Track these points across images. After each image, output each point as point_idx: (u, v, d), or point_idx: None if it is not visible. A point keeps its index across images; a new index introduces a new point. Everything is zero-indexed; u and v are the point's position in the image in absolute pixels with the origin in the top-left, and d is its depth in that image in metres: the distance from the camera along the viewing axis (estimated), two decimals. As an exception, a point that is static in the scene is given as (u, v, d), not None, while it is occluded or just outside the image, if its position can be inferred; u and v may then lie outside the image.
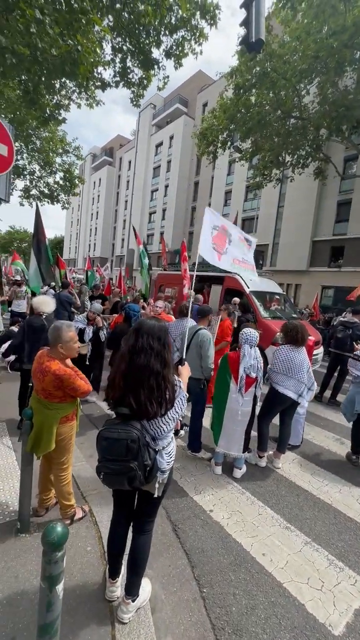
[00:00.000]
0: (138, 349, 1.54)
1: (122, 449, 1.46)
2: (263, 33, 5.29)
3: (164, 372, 1.55)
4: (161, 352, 1.56)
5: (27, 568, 1.99)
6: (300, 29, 11.23)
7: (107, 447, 1.50)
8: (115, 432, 1.49)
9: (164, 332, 1.61)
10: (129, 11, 7.43)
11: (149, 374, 1.52)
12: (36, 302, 3.81)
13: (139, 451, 1.47)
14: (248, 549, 2.40)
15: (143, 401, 1.50)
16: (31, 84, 7.18)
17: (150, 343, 1.55)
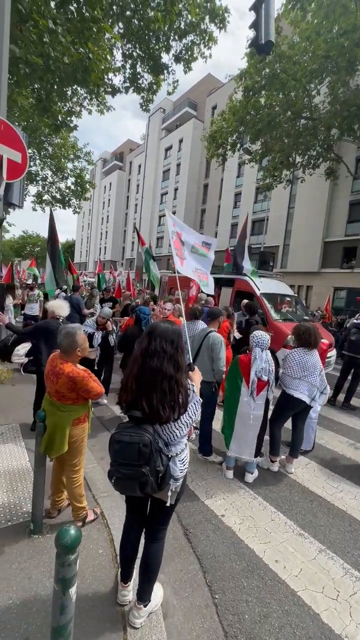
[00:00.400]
0: (151, 352, 1.53)
1: (134, 453, 1.44)
2: (273, 35, 5.27)
3: (177, 375, 1.53)
4: (174, 355, 1.55)
5: (40, 569, 2.00)
6: (310, 29, 11.15)
7: (119, 451, 1.49)
8: (127, 436, 1.48)
9: (177, 336, 1.59)
10: (139, 18, 7.53)
11: (162, 378, 1.51)
12: (53, 306, 3.88)
13: (151, 456, 1.45)
14: (261, 556, 2.37)
15: (155, 405, 1.48)
16: (44, 92, 7.34)
17: (164, 346, 1.53)
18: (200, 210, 35.56)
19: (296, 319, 7.55)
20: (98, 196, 55.87)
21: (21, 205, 4.10)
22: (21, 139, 3.72)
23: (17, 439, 3.61)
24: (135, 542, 1.85)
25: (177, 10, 7.27)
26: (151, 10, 7.36)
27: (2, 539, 2.21)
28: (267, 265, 9.49)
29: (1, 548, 2.13)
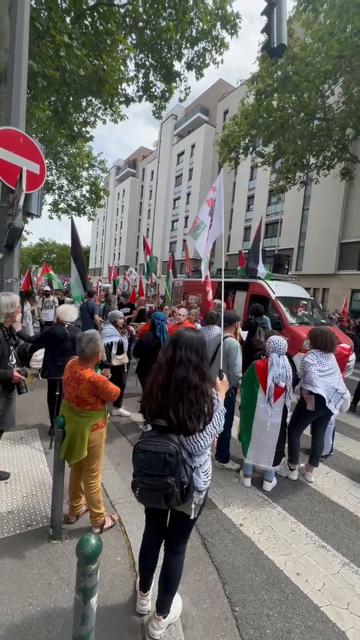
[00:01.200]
0: (177, 362, 1.51)
1: (160, 463, 1.41)
2: (285, 38, 5.25)
3: (202, 386, 1.51)
4: (199, 365, 1.52)
5: (60, 575, 2.01)
6: (323, 30, 11.05)
7: (144, 460, 1.45)
8: (153, 445, 1.45)
9: (202, 345, 1.57)
10: (151, 28, 7.66)
11: (188, 388, 1.49)
12: (59, 312, 3.95)
13: (177, 466, 1.42)
14: (281, 568, 2.30)
15: (182, 416, 1.46)
16: (60, 104, 7.56)
17: (189, 356, 1.51)
18: (213, 214, 35.51)
19: (313, 323, 7.39)
20: (112, 203, 56.86)
21: (39, 214, 4.21)
22: (39, 151, 3.84)
23: (36, 443, 3.67)
24: (155, 552, 1.83)
25: (189, 19, 7.36)
26: (163, 20, 7.49)
27: (23, 544, 2.24)
28: (282, 268, 9.36)
29: (22, 552, 2.16)
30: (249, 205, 29.24)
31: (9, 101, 3.74)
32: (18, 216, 3.47)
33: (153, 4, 7.23)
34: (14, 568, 2.03)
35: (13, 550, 2.17)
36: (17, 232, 3.47)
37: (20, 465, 3.20)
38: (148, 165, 48.56)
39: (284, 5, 5.29)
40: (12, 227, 3.41)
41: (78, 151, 16.62)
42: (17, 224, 3.46)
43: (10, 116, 3.71)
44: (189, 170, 37.66)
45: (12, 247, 3.63)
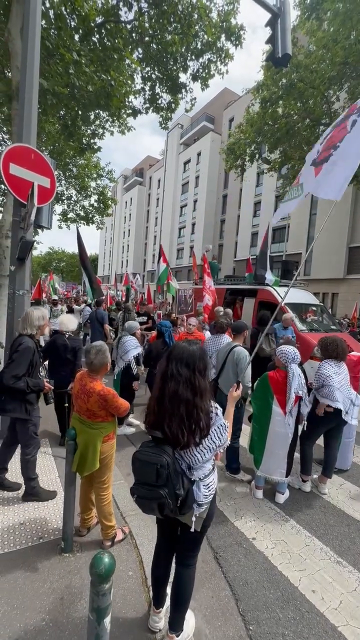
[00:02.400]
0: (169, 376, 1.51)
1: (152, 474, 1.42)
2: (289, 48, 5.32)
3: (194, 400, 1.49)
4: (190, 378, 1.50)
5: (72, 590, 2.00)
6: (327, 38, 11.14)
7: (138, 469, 1.48)
8: (147, 455, 1.47)
9: (194, 357, 1.53)
10: (157, 42, 7.83)
11: (179, 402, 1.48)
12: (59, 322, 4.02)
13: (168, 478, 1.42)
14: (296, 584, 2.24)
15: (175, 430, 1.46)
16: (69, 118, 7.75)
17: (179, 369, 1.50)
18: (219, 220, 35.73)
19: (323, 329, 7.31)
20: (119, 211, 57.66)
21: (50, 226, 4.30)
22: (49, 165, 3.94)
23: (47, 454, 3.69)
24: (167, 565, 1.82)
25: (194, 32, 7.50)
26: (169, 34, 7.65)
27: (35, 557, 2.24)
28: (291, 274, 9.30)
29: (34, 566, 2.16)
30: (256, 211, 29.28)
31: (21, 118, 3.86)
32: (29, 230, 3.55)
33: (159, 19, 7.41)
34: (25, 582, 2.04)
35: (25, 564, 2.17)
36: (28, 245, 3.54)
37: (32, 476, 3.21)
38: (155, 173, 49.21)
39: (288, 16, 5.37)
40: (24, 241, 3.49)
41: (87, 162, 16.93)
42: (28, 237, 3.53)
43: (22, 132, 3.82)
44: (195, 177, 38.02)
45: (24, 260, 3.71)
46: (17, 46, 5.19)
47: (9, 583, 2.02)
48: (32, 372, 2.73)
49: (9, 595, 1.94)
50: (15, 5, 5.34)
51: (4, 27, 5.71)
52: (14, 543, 2.34)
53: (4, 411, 2.67)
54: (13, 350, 2.71)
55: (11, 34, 5.33)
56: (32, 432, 2.80)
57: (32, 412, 2.77)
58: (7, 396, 2.65)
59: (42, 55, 5.45)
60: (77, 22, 6.77)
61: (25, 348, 2.66)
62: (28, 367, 2.67)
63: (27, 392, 2.66)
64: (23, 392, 2.63)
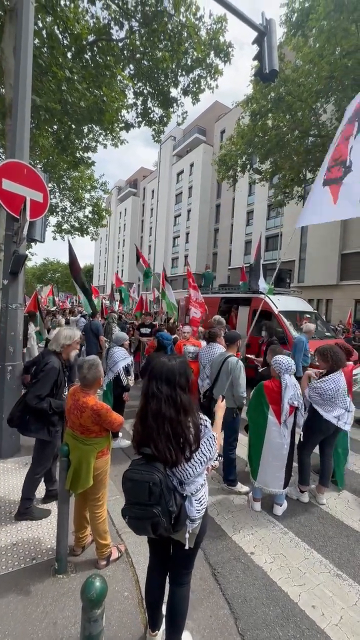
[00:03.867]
0: (150, 394, 1.49)
1: (145, 492, 1.39)
2: (276, 64, 5.48)
3: (179, 417, 1.46)
4: (171, 395, 1.47)
5: (65, 614, 1.94)
6: (313, 53, 11.50)
7: (130, 489, 1.44)
8: (138, 473, 1.43)
9: (173, 373, 1.50)
10: (148, 59, 8.04)
11: (163, 421, 1.45)
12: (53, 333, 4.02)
13: (161, 495, 1.39)
14: (296, 600, 2.20)
15: (162, 449, 1.44)
16: (62, 133, 7.87)
17: (159, 387, 1.47)
18: (213, 229, 36.13)
19: (318, 336, 7.35)
20: (114, 222, 58.06)
21: (43, 240, 4.31)
22: (42, 180, 3.97)
23: (41, 470, 3.61)
24: (160, 585, 1.77)
25: (184, 49, 7.73)
26: (159, 51, 7.86)
27: (28, 579, 2.18)
28: (284, 282, 9.39)
29: (27, 589, 2.10)
30: (249, 220, 29.69)
31: (14, 134, 3.91)
32: (22, 244, 3.56)
33: (150, 37, 7.63)
34: (18, 607, 1.97)
35: (18, 587, 2.11)
36: (21, 259, 3.55)
37: (25, 494, 3.14)
38: (148, 184, 49.84)
39: (274, 34, 5.55)
40: (17, 255, 3.50)
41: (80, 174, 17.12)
42: (21, 252, 3.55)
43: (15, 148, 3.87)
44: (188, 188, 38.56)
45: (17, 274, 3.70)
46: (10, 64, 5.29)
47: (0, 608, 1.96)
48: (56, 392, 2.74)
49: (1, 621, 1.88)
50: (8, 25, 5.46)
51: (-2, 46, 5.82)
52: (6, 565, 2.27)
53: (28, 431, 2.68)
54: (39, 369, 2.70)
55: (4, 53, 5.44)
56: (48, 453, 2.80)
57: (55, 434, 2.76)
58: (31, 416, 2.65)
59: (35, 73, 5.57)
60: (70, 41, 6.95)
61: (51, 368, 2.65)
62: (52, 387, 2.66)
63: (50, 414, 2.64)
64: (47, 413, 2.62)
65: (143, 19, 7.36)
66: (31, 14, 3.96)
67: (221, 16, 7.68)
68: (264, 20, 5.48)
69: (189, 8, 7.40)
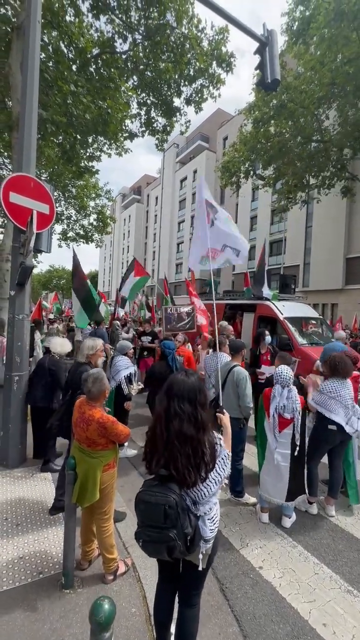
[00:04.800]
0: (171, 414, 1.47)
1: (160, 515, 1.36)
2: (278, 73, 5.53)
3: (198, 435, 1.45)
4: (193, 414, 1.46)
5: (72, 631, 1.93)
6: (315, 61, 11.62)
7: (144, 511, 1.41)
8: (153, 496, 1.40)
9: (194, 391, 1.49)
10: (151, 70, 8.18)
11: (184, 440, 1.43)
12: (52, 342, 4.09)
13: (177, 518, 1.36)
14: (306, 617, 2.15)
15: (182, 469, 1.42)
16: (67, 143, 8.01)
17: (181, 406, 1.46)
18: (217, 234, 36.21)
19: (323, 342, 7.29)
20: (118, 229, 58.57)
21: (49, 250, 4.37)
22: (48, 192, 4.04)
23: (47, 481, 3.62)
24: (170, 603, 1.75)
25: (186, 60, 7.85)
26: (162, 63, 8.00)
27: (34, 594, 2.17)
28: (289, 288, 9.37)
29: (34, 604, 2.09)
30: (252, 225, 29.77)
31: (21, 147, 3.99)
32: (29, 255, 3.61)
33: (153, 49, 7.77)
34: (25, 623, 1.96)
35: (25, 602, 2.10)
36: (28, 271, 3.59)
37: (32, 505, 3.14)
38: (152, 191, 50.31)
39: (275, 43, 5.61)
40: (24, 266, 3.54)
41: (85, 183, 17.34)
42: (28, 263, 3.59)
43: (22, 161, 3.94)
44: (192, 194, 38.83)
45: (24, 285, 3.75)
46: (18, 79, 5.43)
47: (7, 624, 1.94)
48: None
49: (8, 638, 1.86)
50: (15, 42, 5.61)
51: (5, 62, 5.98)
52: (12, 579, 2.26)
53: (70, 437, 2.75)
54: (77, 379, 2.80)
55: (12, 68, 5.58)
56: None
57: None
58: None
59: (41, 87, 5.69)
60: (75, 54, 7.11)
61: None
62: None
63: None
64: None
65: (146, 32, 7.50)
66: (38, 30, 4.06)
67: (223, 27, 7.79)
68: (265, 31, 5.55)
69: (191, 20, 7.53)
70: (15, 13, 6.14)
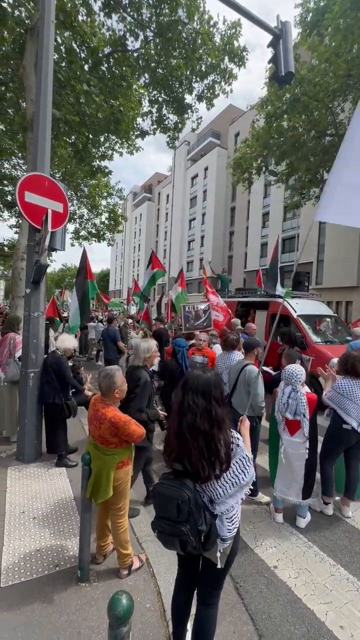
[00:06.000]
0: (185, 407, 1.47)
1: (174, 509, 1.37)
2: (292, 66, 5.41)
3: (212, 431, 1.44)
4: (207, 408, 1.45)
5: (89, 624, 1.95)
6: (329, 52, 11.32)
7: (159, 504, 1.44)
8: (167, 489, 1.42)
9: (209, 386, 1.48)
10: (163, 67, 8.15)
11: (197, 435, 1.43)
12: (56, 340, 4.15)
13: (190, 513, 1.36)
14: (322, 619, 2.12)
15: (195, 464, 1.42)
16: (80, 143, 8.08)
17: (195, 400, 1.45)
18: (228, 232, 35.99)
19: (338, 340, 7.15)
20: (129, 227, 58.88)
21: (63, 249, 4.41)
22: (62, 191, 4.08)
23: (62, 475, 3.68)
24: (187, 601, 1.75)
25: (198, 56, 7.79)
26: (174, 59, 7.96)
27: (51, 586, 2.21)
28: (302, 285, 9.22)
29: (51, 596, 2.13)
30: (265, 222, 29.39)
31: (35, 147, 4.04)
32: (44, 254, 3.66)
33: (164, 45, 7.74)
34: (42, 614, 2.00)
35: (42, 594, 2.14)
36: (43, 269, 3.65)
37: (48, 499, 3.20)
38: (163, 189, 50.30)
39: (290, 35, 5.49)
40: (39, 265, 3.60)
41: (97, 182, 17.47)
42: (43, 261, 3.64)
43: (37, 161, 3.99)
44: (203, 192, 38.66)
45: (39, 283, 3.81)
46: (32, 80, 5.50)
47: (25, 615, 1.99)
48: (149, 403, 3.01)
49: (26, 628, 1.91)
50: (29, 43, 5.68)
51: (19, 64, 6.07)
52: (30, 571, 2.31)
53: None
54: (134, 384, 2.88)
55: (26, 70, 5.65)
56: (142, 456, 3.03)
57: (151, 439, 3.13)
58: None
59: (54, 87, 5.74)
60: (87, 54, 7.15)
61: (145, 382, 2.93)
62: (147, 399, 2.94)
63: (147, 423, 2.87)
64: (145, 423, 2.79)
65: (158, 29, 7.47)
66: (51, 31, 4.09)
67: (235, 21, 7.69)
68: (279, 23, 5.44)
69: (202, 15, 7.46)
70: (29, 15, 6.22)
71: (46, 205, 3.78)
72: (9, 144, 10.04)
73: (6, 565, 2.36)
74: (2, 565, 2.35)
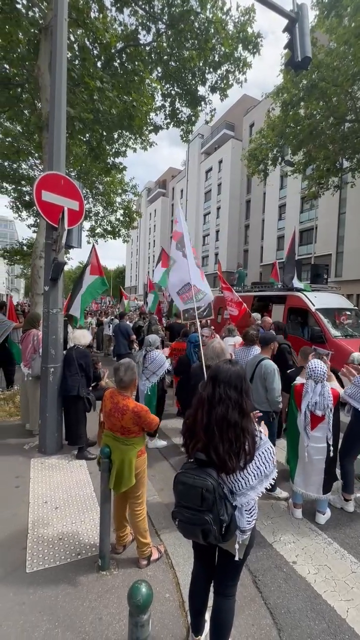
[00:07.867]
0: (217, 400, 1.48)
1: (197, 498, 1.39)
2: (309, 50, 5.23)
3: (242, 422, 1.47)
4: (238, 401, 1.48)
5: (110, 610, 2.01)
6: (349, 33, 10.83)
7: (182, 492, 1.45)
8: (191, 478, 1.43)
9: (240, 379, 1.52)
10: (175, 59, 8.05)
11: (227, 426, 1.45)
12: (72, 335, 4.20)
13: (214, 503, 1.38)
14: (343, 616, 2.10)
15: (223, 455, 1.43)
16: (94, 140, 8.13)
17: (228, 393, 1.48)
18: (244, 226, 35.46)
19: (359, 334, 6.94)
20: (144, 223, 59.05)
21: (79, 246, 4.49)
22: (77, 189, 4.13)
23: (83, 467, 3.78)
24: (205, 592, 1.77)
25: (211, 46, 7.63)
26: (186, 51, 7.84)
27: (73, 574, 2.28)
28: (321, 278, 8.97)
29: (73, 583, 2.20)
30: (281, 214, 28.77)
31: (51, 147, 4.10)
32: (61, 252, 3.73)
33: (176, 37, 7.63)
34: (65, 599, 2.07)
35: (65, 581, 2.22)
36: (60, 267, 3.72)
37: (69, 490, 3.30)
38: (177, 184, 50.05)
39: (306, 18, 5.30)
40: (56, 262, 3.67)
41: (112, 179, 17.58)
42: (60, 259, 3.71)
43: (52, 160, 4.06)
44: (217, 185, 38.17)
45: (57, 280, 3.89)
46: (46, 80, 5.56)
47: (50, 600, 2.07)
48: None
49: (51, 612, 1.99)
50: (43, 43, 5.74)
51: (34, 64, 6.14)
52: (53, 559, 2.40)
53: None
54: None
55: (41, 69, 5.72)
56: None
57: None
58: None
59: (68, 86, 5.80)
60: (100, 50, 7.15)
61: None
62: None
63: None
64: None
65: (170, 20, 7.37)
66: (65, 30, 4.12)
67: (249, 7, 7.47)
68: (295, 5, 5.26)
69: (215, 3, 7.29)
70: (42, 15, 6.28)
71: (62, 204, 3.84)
72: (25, 144, 10.24)
73: (31, 552, 2.45)
74: (27, 552, 2.46)
